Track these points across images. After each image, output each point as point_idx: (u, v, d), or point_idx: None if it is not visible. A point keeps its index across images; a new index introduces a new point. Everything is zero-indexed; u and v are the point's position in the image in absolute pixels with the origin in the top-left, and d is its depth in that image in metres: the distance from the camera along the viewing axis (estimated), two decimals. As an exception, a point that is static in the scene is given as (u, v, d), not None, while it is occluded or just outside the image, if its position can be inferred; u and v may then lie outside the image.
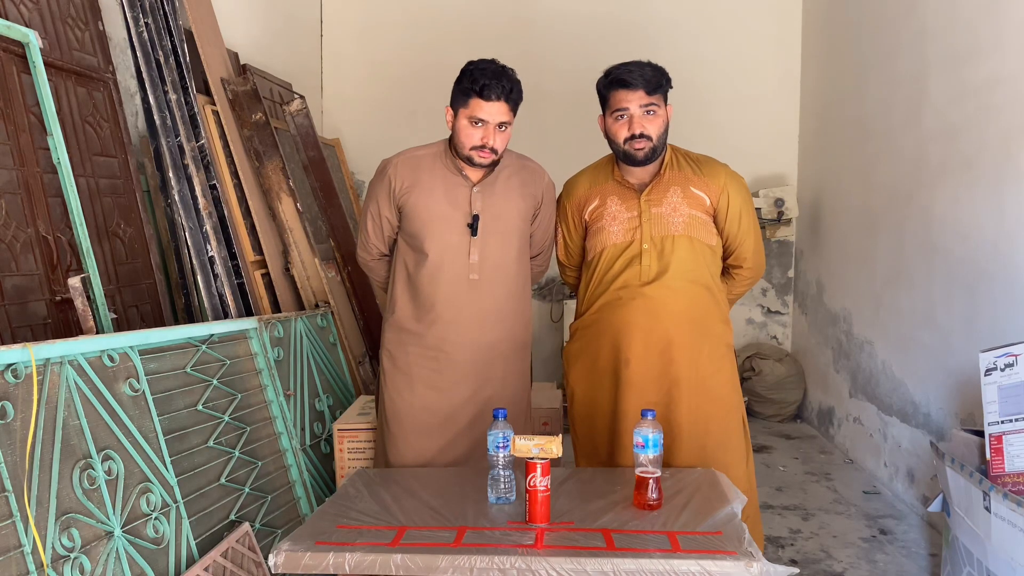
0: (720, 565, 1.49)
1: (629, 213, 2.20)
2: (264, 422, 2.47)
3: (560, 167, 2.73)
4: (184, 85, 3.00)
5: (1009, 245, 2.59)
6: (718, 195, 2.21)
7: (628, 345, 2.18)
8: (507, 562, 1.53)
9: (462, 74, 2.13)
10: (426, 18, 5.10)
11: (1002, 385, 2.06)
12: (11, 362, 1.59)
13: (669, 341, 2.17)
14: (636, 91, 2.12)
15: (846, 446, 4.04)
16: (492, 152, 2.12)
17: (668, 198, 2.19)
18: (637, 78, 2.11)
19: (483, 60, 2.13)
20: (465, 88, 2.10)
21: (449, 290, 2.20)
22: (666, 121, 2.18)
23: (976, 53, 2.81)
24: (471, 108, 2.09)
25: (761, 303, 5.11)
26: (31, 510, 1.55)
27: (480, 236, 2.18)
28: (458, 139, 2.15)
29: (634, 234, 2.19)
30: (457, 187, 2.19)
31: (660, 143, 2.17)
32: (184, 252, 2.90)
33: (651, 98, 2.13)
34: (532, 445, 1.74)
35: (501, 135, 2.12)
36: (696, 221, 2.18)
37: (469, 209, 2.19)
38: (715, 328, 2.23)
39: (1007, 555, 1.93)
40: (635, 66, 2.14)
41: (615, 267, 2.21)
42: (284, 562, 1.59)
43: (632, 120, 2.13)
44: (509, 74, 2.12)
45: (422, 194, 2.19)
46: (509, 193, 2.23)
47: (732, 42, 4.93)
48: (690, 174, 2.22)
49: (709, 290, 2.22)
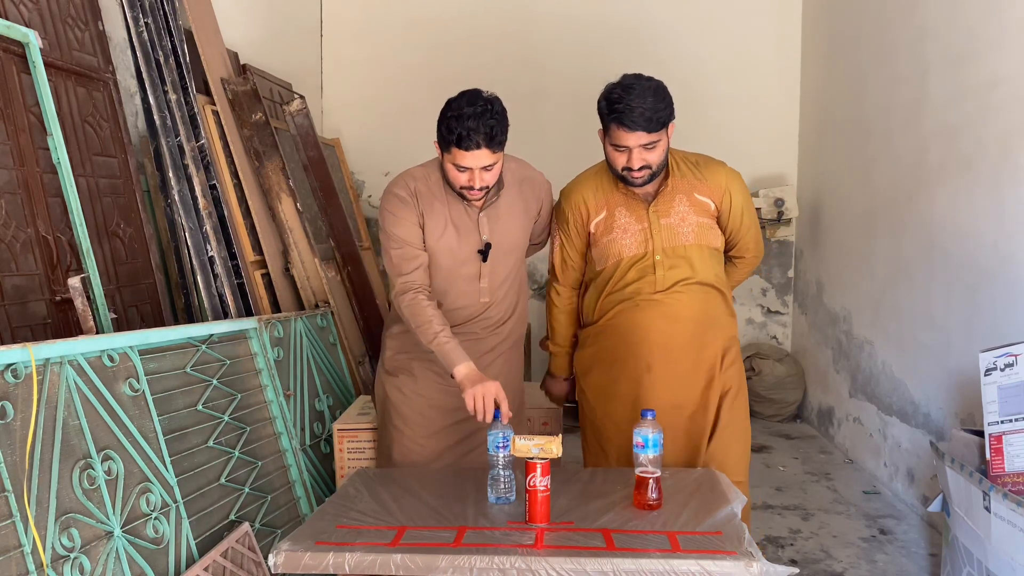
0: (720, 565, 1.49)
1: (639, 224, 2.18)
2: (264, 422, 2.47)
3: (560, 167, 2.73)
4: (184, 85, 3.00)
5: (1009, 245, 2.59)
6: (721, 197, 2.21)
7: (649, 351, 2.19)
8: (507, 562, 1.53)
9: (442, 116, 2.00)
10: (426, 18, 5.09)
11: (1002, 385, 2.06)
12: (11, 362, 1.59)
13: (686, 342, 2.19)
14: (635, 132, 2.03)
15: (846, 446, 4.04)
16: (482, 190, 2.07)
17: (675, 207, 2.17)
18: (638, 119, 2.00)
19: (464, 99, 1.99)
20: (444, 135, 2.00)
21: (461, 315, 2.22)
22: (667, 144, 2.12)
23: (976, 53, 2.81)
24: (453, 155, 2.00)
25: (761, 303, 5.11)
26: (31, 510, 1.55)
27: (490, 260, 2.18)
28: (447, 176, 2.09)
29: (646, 246, 2.18)
30: (463, 214, 2.16)
31: (660, 167, 2.14)
32: (184, 252, 2.90)
33: (652, 136, 2.04)
34: (532, 445, 1.74)
35: (489, 173, 2.04)
36: (704, 227, 2.19)
37: (478, 235, 2.16)
38: (724, 321, 2.27)
39: (1007, 555, 1.93)
40: (636, 102, 2.00)
41: (628, 276, 2.21)
42: (284, 562, 1.59)
43: (631, 155, 2.07)
44: (488, 118, 1.95)
45: (433, 228, 2.14)
46: (513, 211, 2.21)
47: (732, 42, 4.92)
48: (693, 180, 2.20)
49: (718, 289, 2.25)
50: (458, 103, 1.99)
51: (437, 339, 2.01)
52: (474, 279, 2.19)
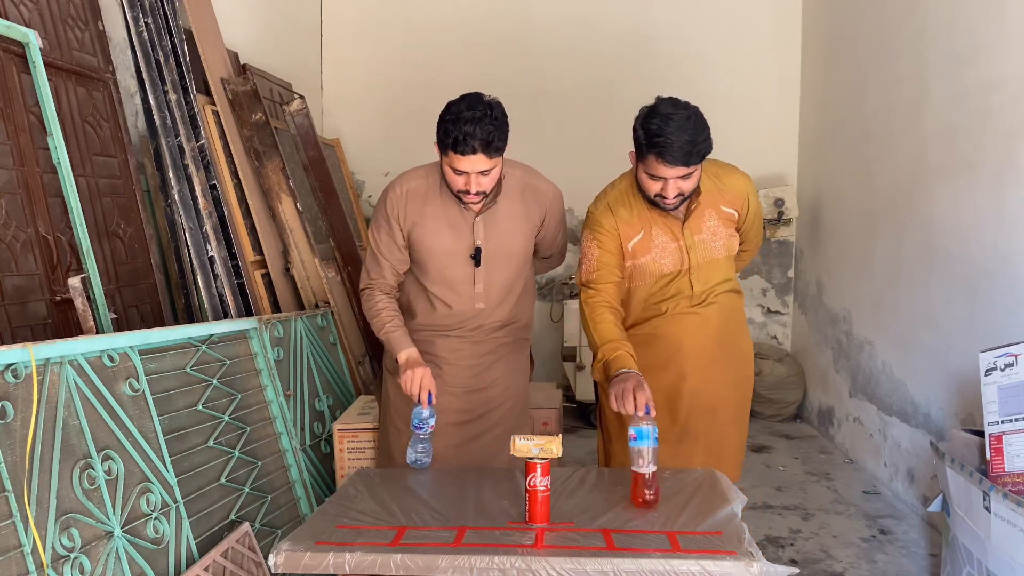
0: (720, 565, 1.48)
1: (675, 243, 2.19)
2: (264, 422, 2.47)
3: (560, 166, 2.74)
4: (184, 85, 3.00)
5: (1009, 245, 2.59)
6: (742, 204, 2.25)
7: (683, 360, 2.23)
8: (507, 562, 1.53)
9: (441, 119, 1.98)
10: (426, 18, 5.10)
11: (1002, 385, 2.06)
12: (11, 362, 1.59)
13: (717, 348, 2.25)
14: (675, 167, 1.98)
15: (846, 446, 4.04)
16: (479, 195, 2.05)
17: (707, 223, 2.19)
18: (678, 154, 1.95)
19: (464, 103, 1.96)
20: (441, 138, 1.99)
21: (457, 317, 2.22)
22: (701, 171, 2.09)
23: (976, 53, 2.81)
24: (450, 159, 1.99)
25: (761, 303, 5.11)
26: (31, 510, 1.55)
27: (484, 265, 2.17)
28: (446, 179, 2.08)
29: (682, 263, 2.20)
30: (459, 218, 2.15)
31: (693, 192, 2.12)
32: (184, 252, 2.90)
33: (689, 168, 2.00)
34: (532, 445, 1.74)
35: (486, 179, 2.02)
36: (731, 239, 2.24)
37: (473, 240, 2.15)
38: (743, 321, 2.38)
39: (1007, 555, 1.93)
40: (676, 136, 1.94)
41: (665, 291, 2.23)
42: (284, 562, 1.59)
43: (667, 185, 2.04)
44: (487, 123, 1.92)
45: (427, 229, 2.15)
46: (513, 218, 2.18)
47: (732, 42, 4.92)
48: (716, 193, 2.21)
49: (737, 292, 2.33)
50: (457, 106, 1.96)
51: (385, 328, 2.19)
52: (468, 283, 2.18)
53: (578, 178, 3.55)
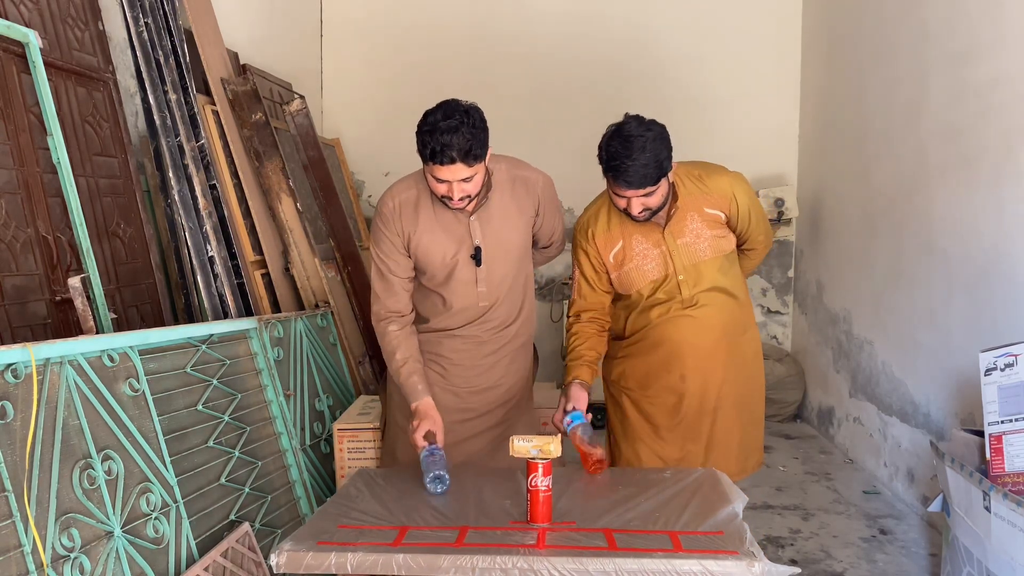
0: (722, 565, 1.49)
1: (657, 248, 2.22)
2: (264, 422, 2.46)
3: (560, 166, 2.73)
4: (184, 85, 3.00)
5: (1009, 245, 2.59)
6: (728, 205, 2.25)
7: (682, 363, 2.26)
8: (509, 562, 1.53)
9: (418, 129, 1.98)
10: (426, 18, 5.09)
11: (1002, 385, 2.06)
12: (11, 362, 1.59)
13: (716, 349, 2.27)
14: (632, 189, 2.06)
15: (846, 446, 4.04)
16: (463, 200, 2.03)
17: (689, 226, 2.21)
18: (633, 178, 2.02)
19: (440, 112, 1.95)
20: (420, 149, 1.98)
21: (461, 318, 2.23)
22: (668, 185, 2.13)
23: (976, 53, 2.81)
24: (430, 168, 1.99)
25: (761, 303, 5.11)
26: (31, 510, 1.55)
27: (485, 263, 2.17)
28: (430, 186, 2.07)
29: (667, 268, 2.23)
30: (454, 221, 2.14)
31: (661, 206, 2.15)
32: (184, 252, 2.90)
33: (650, 188, 2.06)
34: (531, 446, 1.74)
35: (469, 184, 2.00)
36: (718, 239, 2.24)
37: (471, 241, 2.15)
38: (746, 322, 2.38)
39: (1007, 555, 1.93)
40: (632, 161, 2.00)
41: (655, 297, 2.27)
42: (286, 562, 1.59)
43: (631, 203, 2.10)
44: (464, 131, 1.90)
45: (424, 237, 2.14)
46: (506, 213, 2.18)
47: (732, 42, 4.92)
48: (699, 195, 2.22)
49: (737, 289, 2.33)
50: (434, 116, 1.95)
51: (399, 373, 2.16)
52: (471, 283, 2.18)
53: (578, 178, 3.53)
